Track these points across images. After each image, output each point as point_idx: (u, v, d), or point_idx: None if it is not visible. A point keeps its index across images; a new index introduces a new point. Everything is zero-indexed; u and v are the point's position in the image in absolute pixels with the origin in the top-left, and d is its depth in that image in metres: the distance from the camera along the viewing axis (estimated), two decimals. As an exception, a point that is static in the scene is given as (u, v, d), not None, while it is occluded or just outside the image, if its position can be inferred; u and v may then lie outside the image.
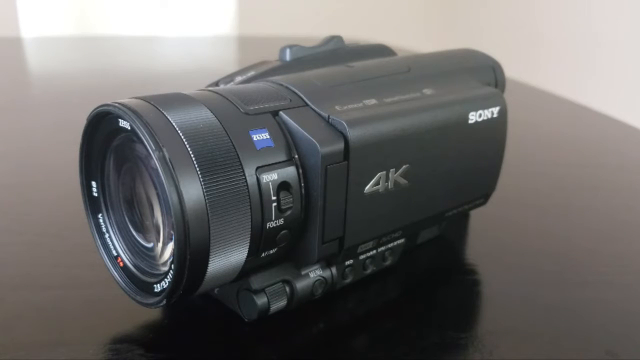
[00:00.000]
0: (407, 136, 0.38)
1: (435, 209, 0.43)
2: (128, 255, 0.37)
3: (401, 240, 0.43)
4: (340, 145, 0.34)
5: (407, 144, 0.38)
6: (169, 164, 0.30)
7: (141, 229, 0.37)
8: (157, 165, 0.30)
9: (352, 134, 0.34)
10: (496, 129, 0.44)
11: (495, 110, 0.43)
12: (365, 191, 0.36)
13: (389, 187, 0.37)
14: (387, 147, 0.37)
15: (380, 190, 0.37)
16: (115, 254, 0.37)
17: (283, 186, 0.33)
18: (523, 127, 0.80)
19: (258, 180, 0.32)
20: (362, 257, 0.40)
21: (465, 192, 0.45)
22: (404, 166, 0.38)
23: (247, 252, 0.33)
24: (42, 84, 1.05)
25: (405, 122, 0.37)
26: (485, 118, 0.42)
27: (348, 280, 0.40)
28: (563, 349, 0.37)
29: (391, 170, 0.37)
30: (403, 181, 0.38)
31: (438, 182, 0.41)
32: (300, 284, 0.37)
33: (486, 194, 0.47)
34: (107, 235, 0.37)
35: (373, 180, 0.36)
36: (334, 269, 0.39)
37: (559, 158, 0.74)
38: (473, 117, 0.42)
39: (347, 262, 0.40)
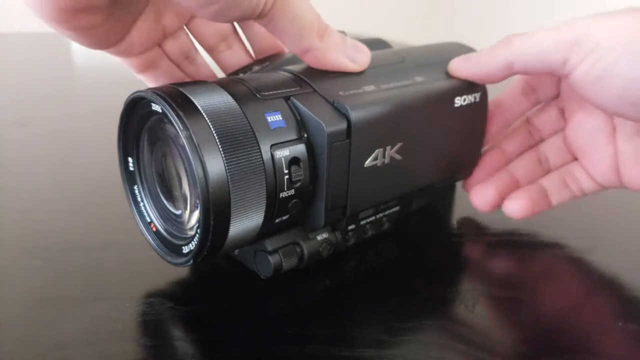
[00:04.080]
0: (401, 118, 0.37)
1: (426, 180, 0.43)
2: (160, 221, 0.37)
3: (396, 208, 0.43)
4: (343, 126, 0.34)
5: (401, 124, 0.38)
6: (195, 142, 0.30)
7: (171, 198, 0.36)
8: (185, 144, 0.30)
9: (354, 115, 0.34)
10: (478, 111, 0.44)
11: (477, 95, 0.43)
12: (365, 165, 0.36)
13: (386, 161, 0.37)
14: (383, 127, 0.36)
15: (378, 165, 0.37)
16: (149, 220, 0.37)
17: (294, 161, 0.33)
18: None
19: (272, 156, 0.32)
20: (362, 222, 0.40)
21: (452, 165, 0.45)
22: (398, 144, 0.38)
23: (262, 218, 0.33)
24: (85, 75, 1.05)
25: (399, 106, 0.37)
26: (469, 102, 0.42)
27: (350, 243, 0.40)
28: (535, 304, 0.37)
29: (387, 147, 0.37)
30: (398, 157, 0.38)
31: (428, 157, 0.41)
32: (309, 246, 0.37)
33: (470, 166, 0.47)
34: (142, 204, 0.37)
35: (372, 155, 0.36)
36: (338, 233, 0.39)
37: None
38: (458, 101, 0.41)
39: (350, 227, 0.39)
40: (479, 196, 0.46)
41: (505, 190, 0.46)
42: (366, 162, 0.36)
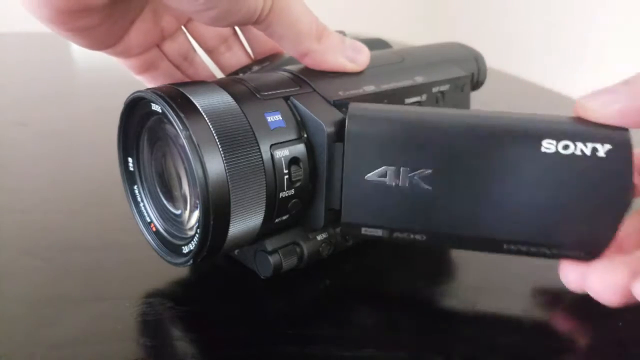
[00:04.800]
0: (433, 142, 0.32)
1: (486, 233, 0.33)
2: (160, 222, 0.37)
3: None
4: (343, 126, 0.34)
5: (433, 149, 0.32)
6: (195, 142, 0.30)
7: (171, 198, 0.37)
8: (185, 144, 0.30)
9: (351, 117, 0.33)
10: (605, 171, 0.31)
11: (603, 148, 0.30)
12: (366, 178, 0.34)
13: (401, 184, 0.33)
14: (396, 144, 0.33)
15: (387, 183, 0.33)
16: (149, 220, 0.37)
17: (293, 161, 0.33)
18: (500, 110, 0.79)
19: (272, 156, 0.32)
20: None
21: (543, 232, 0.33)
22: (423, 170, 0.32)
23: (262, 218, 0.33)
24: (85, 74, 1.05)
25: (431, 127, 0.33)
26: (578, 153, 0.31)
27: (350, 243, 0.40)
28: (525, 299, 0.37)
29: (402, 168, 0.33)
30: (423, 185, 0.33)
31: (486, 206, 0.33)
32: (309, 246, 0.37)
33: (589, 250, 0.32)
34: (142, 204, 0.37)
35: (378, 170, 0.33)
36: (338, 233, 0.39)
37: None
38: (550, 146, 0.31)
39: None
40: (604, 279, 0.31)
41: None
42: (368, 175, 0.34)
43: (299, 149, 0.34)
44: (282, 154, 0.33)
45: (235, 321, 0.34)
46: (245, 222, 0.32)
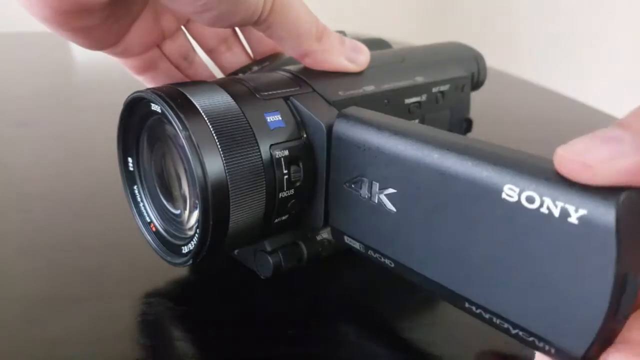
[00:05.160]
0: (397, 158, 0.29)
1: (446, 281, 0.28)
2: (159, 221, 0.37)
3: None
4: None
5: (397, 166, 0.29)
6: (195, 142, 0.30)
7: (170, 198, 0.37)
8: (184, 144, 0.30)
9: (340, 118, 0.33)
10: (577, 244, 0.22)
11: (575, 213, 0.22)
12: (344, 185, 0.33)
13: (372, 199, 0.31)
14: (369, 152, 0.31)
15: (361, 196, 0.32)
16: (148, 220, 0.37)
17: (293, 161, 0.33)
18: (500, 110, 0.79)
19: (271, 156, 0.32)
20: None
21: (501, 303, 0.26)
22: (389, 189, 0.30)
23: (262, 218, 0.33)
24: (85, 73, 1.05)
25: (402, 148, 0.29)
26: (544, 211, 0.23)
27: (350, 243, 0.40)
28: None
29: (374, 182, 0.31)
30: (389, 204, 0.30)
31: (451, 251, 0.27)
32: (309, 246, 0.37)
33: (567, 350, 0.23)
34: (141, 204, 0.37)
35: (354, 179, 0.32)
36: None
37: (527, 135, 0.73)
38: (512, 194, 0.24)
39: None
40: None
41: None
42: (346, 182, 0.33)
43: (299, 149, 0.34)
44: (282, 154, 0.33)
45: (235, 321, 0.34)
46: (244, 222, 0.32)
